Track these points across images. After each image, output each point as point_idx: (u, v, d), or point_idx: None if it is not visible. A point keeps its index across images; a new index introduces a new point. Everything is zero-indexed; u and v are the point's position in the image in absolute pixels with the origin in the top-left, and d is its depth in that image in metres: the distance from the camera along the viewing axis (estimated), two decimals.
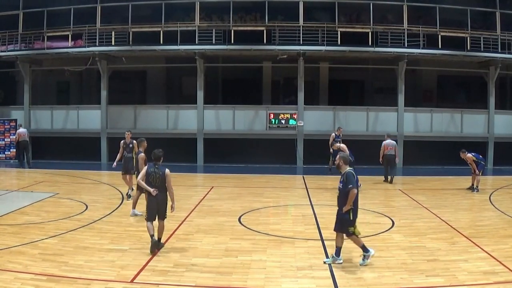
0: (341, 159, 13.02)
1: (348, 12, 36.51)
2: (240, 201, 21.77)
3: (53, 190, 23.71)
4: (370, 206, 20.81)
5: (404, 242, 15.09)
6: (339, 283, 11.50)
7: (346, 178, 12.65)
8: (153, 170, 14.15)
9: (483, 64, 36.06)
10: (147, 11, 36.07)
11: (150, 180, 14.11)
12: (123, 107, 36.96)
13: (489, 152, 35.83)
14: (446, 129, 35.68)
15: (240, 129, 35.85)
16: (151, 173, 14.13)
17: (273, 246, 14.40)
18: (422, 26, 34.26)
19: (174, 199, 14.29)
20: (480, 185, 24.78)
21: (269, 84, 39.52)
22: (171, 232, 15.78)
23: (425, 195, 23.68)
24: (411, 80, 37.89)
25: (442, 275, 12.00)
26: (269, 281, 11.71)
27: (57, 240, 14.59)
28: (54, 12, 35.85)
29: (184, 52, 34.49)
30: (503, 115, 36.80)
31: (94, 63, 35.33)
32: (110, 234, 15.48)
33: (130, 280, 11.46)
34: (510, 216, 18.97)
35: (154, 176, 14.08)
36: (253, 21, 35.74)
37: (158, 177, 14.05)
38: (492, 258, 13.33)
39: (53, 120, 36.81)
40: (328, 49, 33.95)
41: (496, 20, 34.89)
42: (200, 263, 12.61)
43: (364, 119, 35.72)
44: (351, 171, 12.76)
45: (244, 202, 21.38)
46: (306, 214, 19.32)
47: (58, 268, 12.02)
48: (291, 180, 30.07)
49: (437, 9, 34.39)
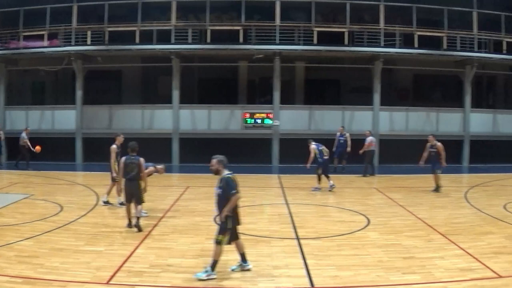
0: (219, 162, 12.29)
1: (324, 12, 36.64)
2: None
3: (28, 191, 23.40)
4: (346, 204, 20.90)
5: (380, 240, 15.05)
6: (315, 282, 11.44)
7: (225, 184, 11.89)
8: (130, 161, 16.07)
9: (459, 63, 36.29)
10: (123, 10, 35.92)
11: (128, 170, 16.01)
12: (99, 107, 36.76)
13: (465, 150, 36.20)
14: (422, 128, 35.77)
15: (216, 129, 35.77)
16: (129, 164, 16.04)
17: (249, 245, 14.26)
18: (398, 26, 34.48)
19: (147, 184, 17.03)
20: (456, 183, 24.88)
21: (245, 84, 39.49)
22: (146, 232, 15.68)
23: (400, 193, 23.75)
24: (387, 79, 37.94)
25: (419, 272, 11.98)
26: (246, 280, 11.64)
27: (32, 242, 14.39)
28: (30, 11, 35.59)
29: (160, 51, 34.43)
30: (479, 113, 37.10)
31: (69, 62, 35.15)
32: (86, 235, 15.28)
33: (106, 281, 11.32)
34: (486, 214, 19.03)
35: (131, 165, 16.01)
36: (229, 20, 35.78)
37: (134, 167, 15.99)
38: (469, 255, 13.34)
39: (28, 120, 36.44)
40: (304, 48, 34.06)
41: (473, 20, 35.08)
42: (176, 263, 12.51)
43: (340, 118, 35.72)
44: (230, 175, 12.08)
45: None
46: (282, 213, 19.27)
47: (34, 270, 11.85)
48: (267, 180, 30.06)
49: (413, 8, 34.57)
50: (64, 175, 29.36)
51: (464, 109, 36.42)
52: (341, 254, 13.59)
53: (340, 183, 25.66)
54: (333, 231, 16.21)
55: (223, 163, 12.18)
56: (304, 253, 13.60)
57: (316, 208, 20.64)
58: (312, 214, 19.25)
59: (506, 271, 12.01)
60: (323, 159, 24.74)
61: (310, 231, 16.12)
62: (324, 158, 24.72)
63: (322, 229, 16.56)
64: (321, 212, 19.84)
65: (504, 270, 12.04)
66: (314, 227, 16.89)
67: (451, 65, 36.77)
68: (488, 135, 36.91)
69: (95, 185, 24.34)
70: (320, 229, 16.56)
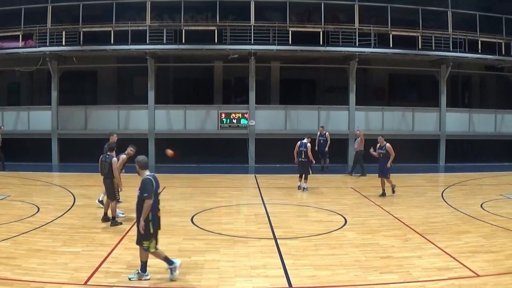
0: (137, 163, 11.90)
1: (299, 12, 36.64)
2: (192, 201, 21.57)
3: (4, 192, 23.21)
4: (323, 204, 20.95)
5: (357, 240, 15.09)
6: (293, 282, 11.43)
7: (142, 186, 11.47)
8: (104, 159, 17.31)
9: (435, 62, 36.50)
10: (98, 11, 35.65)
11: (102, 168, 17.36)
12: (74, 107, 36.44)
13: (441, 150, 36.39)
14: (397, 127, 35.95)
15: (192, 129, 35.65)
16: (103, 162, 17.29)
17: (226, 245, 14.30)
18: (373, 26, 34.53)
19: (120, 182, 17.26)
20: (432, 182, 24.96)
21: (220, 84, 39.36)
22: (123, 233, 15.63)
23: (377, 192, 23.70)
24: (363, 79, 38.09)
25: (396, 272, 12.02)
26: (223, 280, 11.61)
27: (9, 243, 14.29)
28: (4, 11, 35.22)
29: (135, 52, 34.23)
30: (455, 113, 37.36)
31: (44, 63, 34.80)
32: (63, 236, 15.18)
33: (84, 283, 11.27)
34: (463, 213, 19.16)
35: (105, 164, 17.21)
36: (204, 20, 35.60)
37: (107, 165, 17.11)
38: (446, 254, 13.41)
39: (4, 121, 36.08)
40: (279, 48, 34.00)
41: (448, 19, 35.23)
42: (153, 264, 12.37)
43: (316, 118, 35.82)
44: (149, 177, 11.60)
45: (196, 202, 21.18)
46: (259, 213, 19.26)
47: (11, 272, 11.77)
48: (243, 180, 30.07)
49: (388, 8, 34.64)
50: (40, 176, 29.18)
51: (440, 109, 36.60)
52: (319, 254, 13.60)
53: (317, 183, 25.68)
54: (310, 231, 16.22)
55: (141, 164, 11.79)
56: (281, 253, 13.60)
57: (293, 208, 20.64)
58: (289, 214, 19.25)
59: (483, 270, 12.08)
60: (298, 159, 24.74)
61: (287, 231, 16.11)
62: (299, 159, 24.69)
63: (299, 229, 16.56)
64: (298, 212, 19.84)
65: (482, 269, 12.11)
66: (291, 227, 16.90)
67: (426, 65, 36.98)
68: (464, 134, 37.14)
69: (71, 186, 24.26)
70: (297, 229, 16.56)
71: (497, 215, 18.65)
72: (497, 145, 37.76)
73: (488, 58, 35.96)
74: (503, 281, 11.44)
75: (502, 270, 12.16)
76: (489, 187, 26.70)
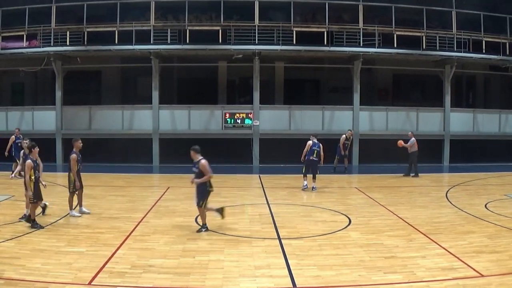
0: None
1: (303, 12, 36.67)
2: None
3: (9, 192, 23.44)
4: (327, 204, 20.86)
5: (361, 240, 15.01)
6: (297, 282, 11.37)
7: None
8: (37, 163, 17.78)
9: (439, 63, 36.50)
10: (102, 11, 35.67)
11: (37, 170, 17.59)
12: (78, 107, 36.51)
13: (445, 150, 36.40)
14: (401, 127, 35.87)
15: (196, 129, 35.64)
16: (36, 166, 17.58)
17: (230, 245, 14.28)
18: (377, 26, 34.54)
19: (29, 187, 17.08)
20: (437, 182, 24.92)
21: (224, 84, 39.40)
22: (127, 233, 15.56)
23: (381, 192, 23.73)
24: (367, 79, 38.10)
25: (400, 272, 11.97)
26: (227, 281, 11.53)
27: (13, 243, 14.26)
28: (8, 12, 35.33)
29: (139, 52, 34.29)
30: (459, 113, 37.38)
31: (49, 63, 34.91)
32: (67, 236, 15.15)
33: (88, 283, 11.19)
34: (467, 213, 19.09)
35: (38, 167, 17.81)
36: (208, 20, 35.64)
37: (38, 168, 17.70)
38: (450, 254, 13.35)
39: (8, 121, 36.20)
40: (284, 48, 34.03)
41: (452, 19, 35.20)
42: (157, 264, 12.41)
43: (320, 118, 35.85)
44: None
45: None
46: (263, 213, 19.21)
47: (15, 272, 11.72)
48: (247, 180, 29.99)
49: (392, 8, 34.62)
50: (44, 176, 28.60)
51: (444, 109, 36.64)
52: (323, 254, 13.53)
53: (321, 183, 25.65)
54: (315, 231, 16.16)
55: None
56: (286, 253, 13.53)
57: (297, 208, 20.57)
58: (293, 214, 19.17)
59: (488, 270, 12.02)
60: (309, 159, 24.68)
61: (292, 231, 16.07)
62: (310, 158, 24.65)
63: (303, 229, 16.48)
64: (302, 212, 19.76)
65: (486, 269, 12.05)
66: (296, 227, 16.82)
67: (430, 65, 36.97)
68: (468, 134, 37.12)
69: None
70: (302, 229, 16.48)
71: (501, 215, 18.57)
72: (501, 145, 37.76)
73: (493, 58, 35.98)
74: (508, 281, 11.40)
75: (506, 270, 12.12)
76: (494, 187, 26.65)
